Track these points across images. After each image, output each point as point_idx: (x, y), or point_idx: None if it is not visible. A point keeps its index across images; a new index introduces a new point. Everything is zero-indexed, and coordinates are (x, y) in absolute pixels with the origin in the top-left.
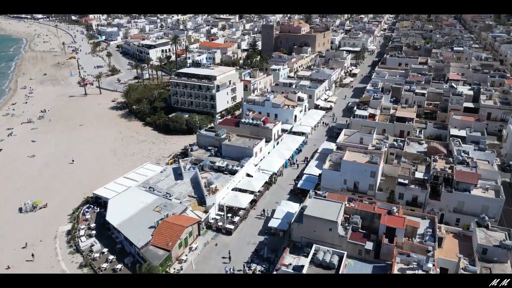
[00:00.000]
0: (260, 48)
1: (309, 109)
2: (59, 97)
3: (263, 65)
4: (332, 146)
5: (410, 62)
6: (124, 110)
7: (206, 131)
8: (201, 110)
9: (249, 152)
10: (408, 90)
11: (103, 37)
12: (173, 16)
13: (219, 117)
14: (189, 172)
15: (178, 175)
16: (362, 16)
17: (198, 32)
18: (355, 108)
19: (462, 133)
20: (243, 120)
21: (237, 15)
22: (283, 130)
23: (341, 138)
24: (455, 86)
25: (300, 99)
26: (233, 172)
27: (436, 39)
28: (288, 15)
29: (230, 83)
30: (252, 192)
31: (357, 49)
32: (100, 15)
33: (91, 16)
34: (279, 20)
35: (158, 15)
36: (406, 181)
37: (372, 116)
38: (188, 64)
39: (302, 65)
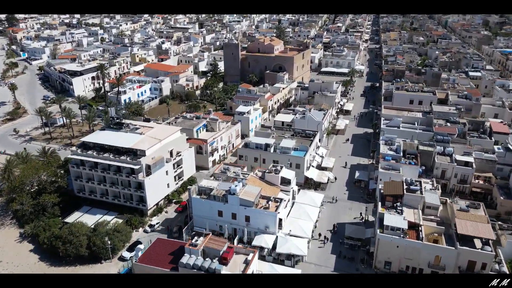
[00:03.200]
0: (222, 70)
1: (298, 190)
2: None
3: (226, 99)
4: None
5: (426, 99)
6: None
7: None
8: (123, 204)
9: None
10: (442, 154)
11: (26, 55)
12: (120, 25)
13: (154, 215)
14: None
15: None
16: (340, 25)
17: (145, 48)
18: (383, 213)
19: None
20: (184, 260)
21: (197, 24)
22: (262, 250)
23: None
24: None
25: (285, 181)
26: None
27: (436, 56)
28: (256, 23)
29: (171, 155)
30: None
31: (344, 70)
32: (34, 23)
33: (22, 25)
34: (245, 31)
35: (104, 23)
36: None
37: (415, 226)
38: (119, 102)
39: (278, 100)
